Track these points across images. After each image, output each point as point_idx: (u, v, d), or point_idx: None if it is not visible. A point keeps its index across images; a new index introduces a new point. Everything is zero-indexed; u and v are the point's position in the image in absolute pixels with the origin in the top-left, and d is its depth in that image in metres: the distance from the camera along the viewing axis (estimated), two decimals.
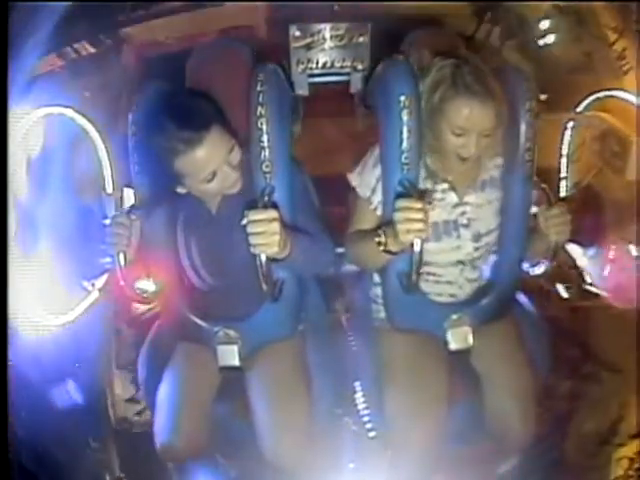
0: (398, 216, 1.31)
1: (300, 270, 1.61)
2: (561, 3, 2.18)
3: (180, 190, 1.50)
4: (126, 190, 1.78)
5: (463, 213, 1.60)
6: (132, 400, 2.05)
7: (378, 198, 1.59)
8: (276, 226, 1.30)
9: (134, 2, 2.10)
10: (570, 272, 2.02)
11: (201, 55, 1.74)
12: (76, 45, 1.79)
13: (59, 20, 1.55)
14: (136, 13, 2.18)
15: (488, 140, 1.47)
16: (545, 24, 2.24)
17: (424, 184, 1.57)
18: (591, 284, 1.94)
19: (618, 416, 1.72)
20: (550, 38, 2.25)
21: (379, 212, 1.59)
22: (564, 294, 2.01)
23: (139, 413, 2.03)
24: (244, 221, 1.30)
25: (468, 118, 1.42)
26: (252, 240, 1.30)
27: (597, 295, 1.94)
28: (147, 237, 1.57)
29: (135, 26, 2.22)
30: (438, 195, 1.58)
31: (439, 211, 1.58)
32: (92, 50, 1.87)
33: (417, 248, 1.34)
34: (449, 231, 1.60)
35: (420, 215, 1.29)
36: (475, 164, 1.57)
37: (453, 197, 1.59)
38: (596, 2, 2.01)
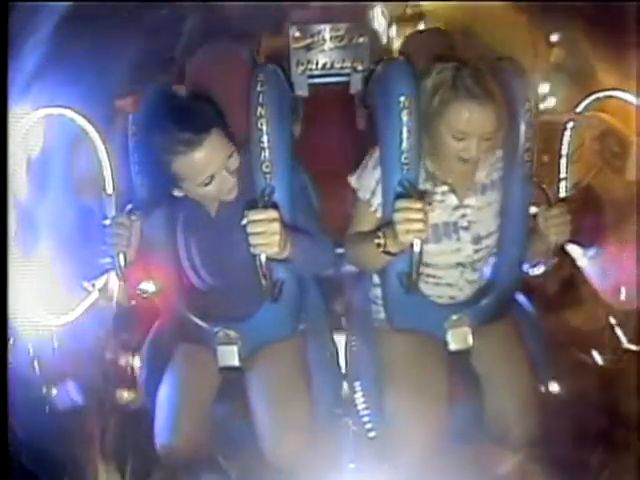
0: (397, 217, 1.31)
1: (300, 270, 1.61)
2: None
3: (177, 193, 1.50)
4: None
5: (463, 215, 1.60)
6: None
7: (378, 200, 1.59)
8: (276, 226, 1.30)
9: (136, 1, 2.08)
10: (603, 336, 2.00)
11: (201, 56, 1.74)
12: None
13: (59, 20, 1.55)
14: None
15: (489, 143, 1.47)
16: (545, 88, 2.23)
17: (424, 186, 1.58)
18: (630, 341, 1.91)
19: None
20: (551, 101, 2.24)
21: (379, 214, 1.59)
22: (600, 361, 1.98)
23: None
24: (244, 221, 1.30)
25: (469, 122, 1.42)
26: (252, 240, 1.30)
27: (634, 352, 1.90)
28: (147, 238, 1.57)
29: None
30: (438, 197, 1.59)
31: (439, 213, 1.58)
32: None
33: (417, 249, 1.34)
34: (449, 233, 1.60)
35: (419, 215, 1.29)
36: (474, 166, 1.57)
37: (453, 199, 1.59)
38: (595, 2, 2.00)
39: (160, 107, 1.45)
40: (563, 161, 2.06)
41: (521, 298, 1.84)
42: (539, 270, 1.67)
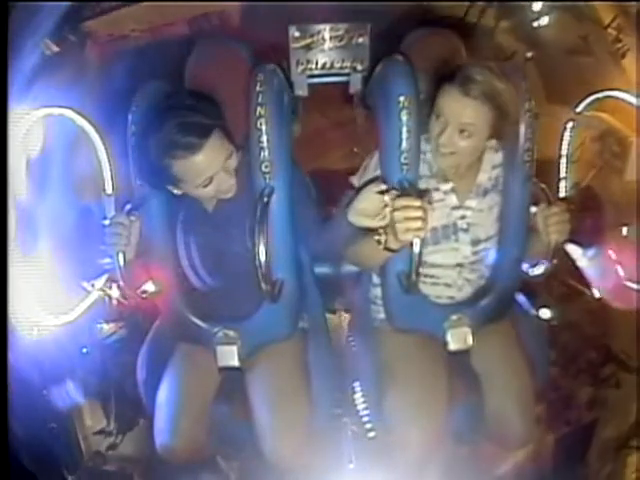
0: (397, 215, 1.31)
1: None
2: None
3: (176, 191, 1.50)
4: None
5: (463, 217, 1.60)
6: (103, 432, 2.01)
7: None
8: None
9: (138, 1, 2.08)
10: None
11: (200, 55, 1.74)
12: (41, 44, 1.75)
13: (59, 20, 1.55)
14: (100, 5, 2.09)
15: (467, 143, 1.46)
16: (538, 5, 2.23)
17: (428, 183, 1.58)
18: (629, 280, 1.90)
19: (636, 419, 1.70)
20: (544, 20, 2.23)
21: None
22: (597, 294, 1.98)
23: (112, 447, 1.99)
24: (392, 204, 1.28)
25: (449, 105, 1.44)
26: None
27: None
28: (147, 237, 1.57)
29: (99, 19, 2.13)
30: (440, 195, 1.59)
31: (438, 214, 1.58)
32: (55, 49, 1.83)
33: (416, 248, 1.34)
34: (448, 234, 1.60)
35: (419, 213, 1.29)
36: (474, 165, 1.57)
37: (453, 199, 1.59)
38: (594, 2, 2.01)
39: (160, 107, 1.45)
40: (563, 161, 2.06)
41: (521, 298, 1.84)
42: (539, 270, 1.67)
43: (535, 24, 2.25)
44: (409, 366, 1.62)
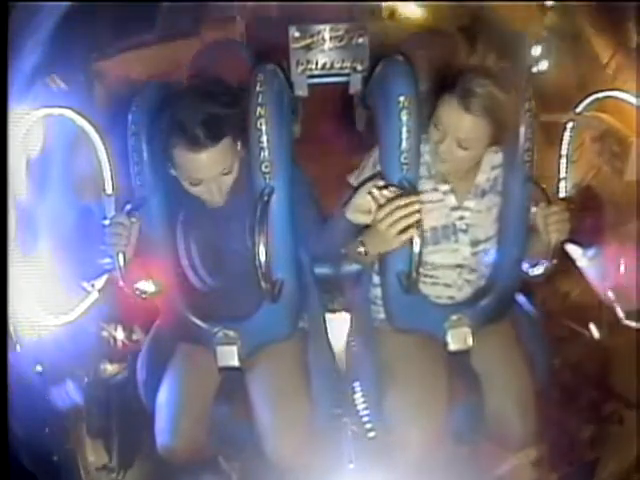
0: (381, 226, 1.31)
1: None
2: (553, 23, 2.17)
3: (172, 172, 1.51)
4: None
5: (462, 218, 1.60)
6: (105, 468, 1.98)
7: None
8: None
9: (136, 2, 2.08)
10: (601, 310, 2.00)
11: (200, 56, 1.74)
12: (47, 78, 1.76)
13: (59, 20, 1.55)
14: (110, 47, 2.10)
15: (465, 154, 1.47)
16: (538, 50, 2.22)
17: (427, 183, 1.58)
18: (627, 318, 1.90)
19: (637, 454, 1.70)
20: (544, 64, 2.23)
21: None
22: (596, 334, 1.98)
23: None
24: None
25: (449, 118, 1.43)
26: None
27: (632, 329, 1.89)
28: (147, 237, 1.57)
29: (108, 61, 2.16)
30: (439, 196, 1.59)
31: (438, 215, 1.59)
32: (63, 85, 1.84)
33: (416, 248, 1.34)
34: (447, 235, 1.60)
35: (408, 210, 1.29)
36: (473, 166, 1.57)
37: (452, 200, 1.59)
38: (597, 2, 2.00)
39: (173, 95, 1.46)
40: (563, 161, 2.06)
41: (521, 298, 1.84)
42: (539, 270, 1.67)
43: (534, 69, 2.24)
44: (409, 366, 1.62)
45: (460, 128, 1.43)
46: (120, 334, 2.04)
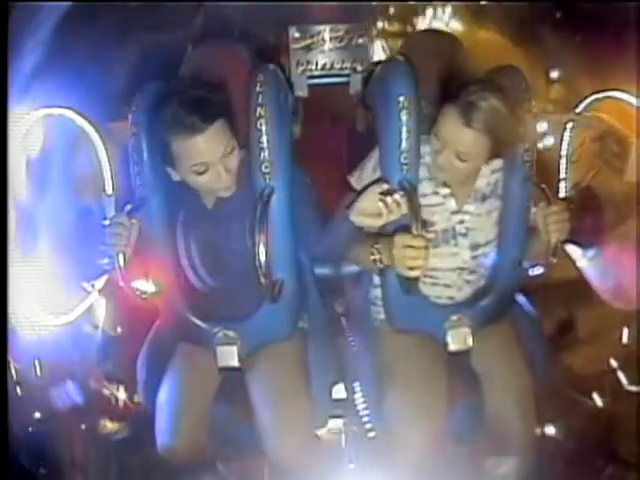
0: (397, 253, 1.32)
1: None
2: None
3: (174, 176, 1.50)
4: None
5: (462, 221, 1.60)
6: None
7: None
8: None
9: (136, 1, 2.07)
10: (603, 378, 2.00)
11: (200, 56, 1.74)
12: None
13: (59, 20, 1.55)
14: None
15: (464, 166, 1.46)
16: (543, 127, 2.22)
17: (428, 186, 1.58)
18: (631, 384, 1.92)
19: None
20: (549, 140, 2.23)
21: None
22: (599, 403, 1.98)
23: None
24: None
25: (448, 130, 1.43)
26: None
27: (634, 394, 1.91)
28: (146, 238, 1.57)
29: None
30: (439, 199, 1.59)
31: (438, 219, 1.59)
32: None
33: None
34: (447, 239, 1.60)
35: (419, 253, 1.31)
36: (474, 170, 1.57)
37: (452, 203, 1.59)
38: (597, 2, 2.01)
39: (167, 92, 1.46)
40: (563, 161, 2.06)
41: (521, 298, 1.84)
42: (539, 270, 1.67)
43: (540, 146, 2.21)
44: (409, 366, 1.62)
45: (460, 142, 1.42)
46: (122, 394, 2.04)
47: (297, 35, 1.97)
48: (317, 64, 1.99)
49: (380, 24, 2.70)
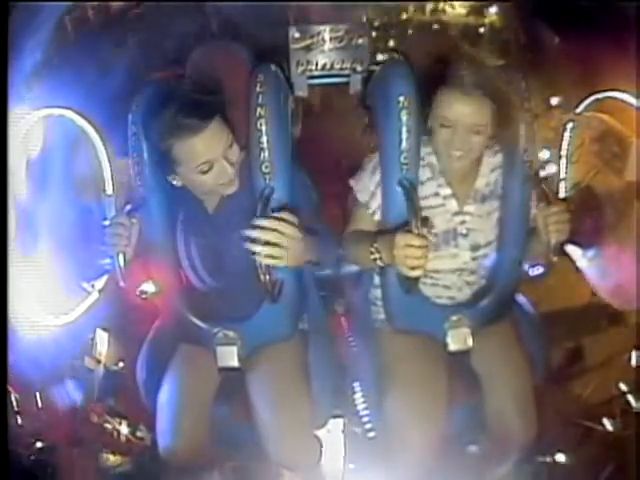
0: (398, 253, 1.32)
1: (305, 269, 1.62)
2: None
3: (176, 182, 1.50)
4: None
5: (462, 222, 1.60)
6: None
7: (376, 203, 1.60)
8: (288, 243, 1.31)
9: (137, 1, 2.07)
10: (612, 404, 2.00)
11: (200, 56, 1.74)
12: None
13: (59, 20, 1.55)
14: None
15: (478, 138, 1.48)
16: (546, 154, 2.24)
17: (428, 186, 1.58)
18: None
19: None
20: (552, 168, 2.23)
21: (377, 217, 1.61)
22: (610, 428, 1.96)
23: None
24: (251, 229, 1.30)
25: (454, 110, 1.45)
26: (260, 249, 1.30)
27: None
28: (147, 238, 1.57)
29: None
30: (439, 201, 1.59)
31: (439, 220, 1.59)
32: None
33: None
34: (447, 240, 1.60)
35: (420, 252, 1.30)
36: (473, 169, 1.57)
37: (454, 205, 1.59)
38: (597, 2, 2.01)
39: (164, 96, 1.45)
40: (563, 161, 2.06)
41: (521, 299, 1.84)
42: (538, 271, 1.67)
43: None
44: (409, 367, 1.61)
45: (468, 113, 1.44)
46: (124, 429, 2.05)
47: (297, 35, 1.97)
48: (317, 64, 1.99)
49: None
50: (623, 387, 1.95)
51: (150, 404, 1.67)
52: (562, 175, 2.04)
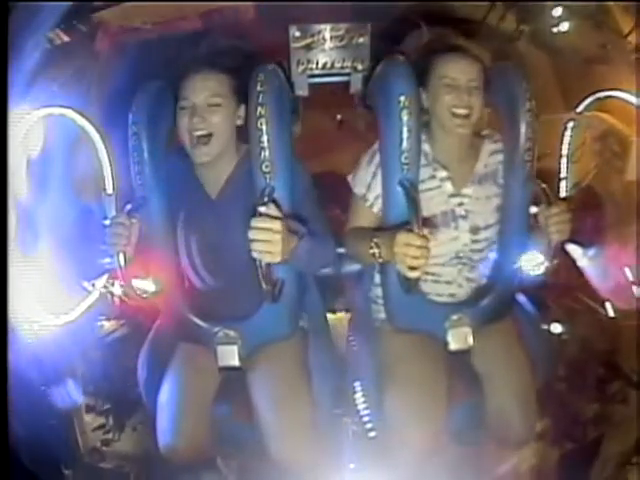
0: (398, 251, 1.32)
1: (300, 269, 1.62)
2: None
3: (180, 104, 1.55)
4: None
5: (460, 204, 1.61)
6: (101, 428, 2.04)
7: (374, 194, 1.60)
8: (278, 238, 1.31)
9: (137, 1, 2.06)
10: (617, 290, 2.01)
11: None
12: (50, 34, 1.76)
13: (59, 20, 1.55)
14: None
15: (476, 96, 1.53)
16: (559, 11, 2.21)
17: (423, 171, 1.58)
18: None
19: (638, 436, 1.70)
20: (564, 26, 2.21)
21: (375, 209, 1.61)
22: (611, 312, 1.98)
23: (108, 443, 2.01)
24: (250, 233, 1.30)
25: (454, 68, 1.53)
26: (254, 246, 1.31)
27: None
28: (147, 237, 1.57)
29: (110, 10, 2.10)
30: (436, 183, 1.60)
31: (436, 202, 1.60)
32: (66, 39, 1.83)
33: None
34: (447, 222, 1.61)
35: (420, 252, 1.30)
36: (472, 154, 1.58)
37: (449, 187, 1.60)
38: (597, 2, 2.01)
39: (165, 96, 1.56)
40: (563, 161, 2.06)
41: (521, 298, 1.84)
42: (539, 270, 1.67)
43: (555, 30, 2.23)
44: (409, 366, 1.61)
45: (465, 69, 1.53)
46: (117, 290, 2.08)
47: (297, 34, 1.96)
48: (317, 63, 1.99)
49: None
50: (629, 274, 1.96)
51: (150, 403, 1.66)
52: (562, 175, 2.04)
